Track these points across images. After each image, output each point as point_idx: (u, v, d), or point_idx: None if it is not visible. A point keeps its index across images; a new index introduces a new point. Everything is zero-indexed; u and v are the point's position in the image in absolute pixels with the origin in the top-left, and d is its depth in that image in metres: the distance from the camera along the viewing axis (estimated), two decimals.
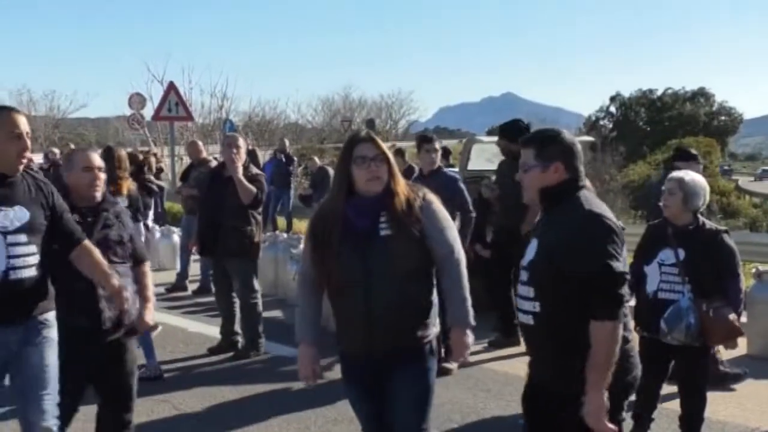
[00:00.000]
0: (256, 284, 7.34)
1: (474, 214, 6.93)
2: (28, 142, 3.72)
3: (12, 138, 3.65)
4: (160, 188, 9.83)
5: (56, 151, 19.54)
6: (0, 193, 3.63)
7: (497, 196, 7.45)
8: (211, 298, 8.98)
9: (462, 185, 6.96)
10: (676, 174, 4.92)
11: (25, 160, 3.73)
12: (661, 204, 4.99)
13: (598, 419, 2.98)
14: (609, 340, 2.98)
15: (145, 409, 4.59)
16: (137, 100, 24.62)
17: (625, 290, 3.04)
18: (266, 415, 5.68)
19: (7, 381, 3.75)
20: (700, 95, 54.84)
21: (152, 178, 10.30)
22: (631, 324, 3.35)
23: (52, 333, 3.81)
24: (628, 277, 3.09)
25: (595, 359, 2.98)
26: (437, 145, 7.02)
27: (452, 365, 6.66)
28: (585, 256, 3.00)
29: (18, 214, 3.65)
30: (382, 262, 3.32)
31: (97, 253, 3.96)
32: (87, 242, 3.95)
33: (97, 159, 4.33)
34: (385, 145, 3.47)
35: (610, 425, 2.99)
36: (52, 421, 3.72)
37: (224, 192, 7.03)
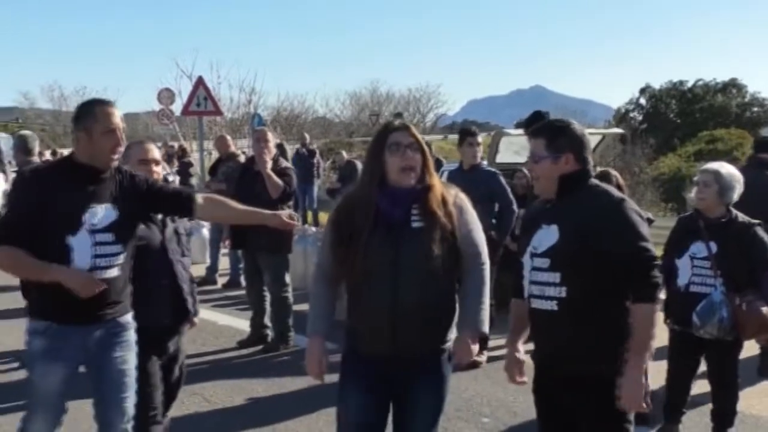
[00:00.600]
0: (287, 278, 7.38)
1: (516, 209, 6.90)
2: (122, 138, 3.65)
3: (107, 133, 3.57)
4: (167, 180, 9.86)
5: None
6: (90, 190, 3.56)
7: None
8: (241, 292, 9.05)
9: (502, 180, 6.94)
10: (711, 166, 4.87)
11: (117, 156, 3.66)
12: (691, 195, 4.97)
13: (638, 400, 3.05)
14: (649, 322, 3.06)
15: (176, 401, 4.62)
16: (166, 96, 24.74)
17: (659, 273, 3.10)
18: (295, 407, 5.72)
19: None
20: (732, 86, 54.03)
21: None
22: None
23: (132, 336, 3.75)
24: (659, 262, 3.14)
25: (637, 341, 3.04)
26: (480, 139, 7.01)
27: (481, 358, 6.64)
28: (621, 238, 3.07)
29: (107, 212, 3.57)
30: (413, 255, 3.20)
31: (224, 199, 3.98)
32: (202, 194, 3.86)
33: (153, 151, 4.28)
34: (420, 135, 3.36)
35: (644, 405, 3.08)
36: (129, 424, 3.73)
37: (254, 186, 7.06)
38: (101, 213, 3.55)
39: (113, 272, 3.60)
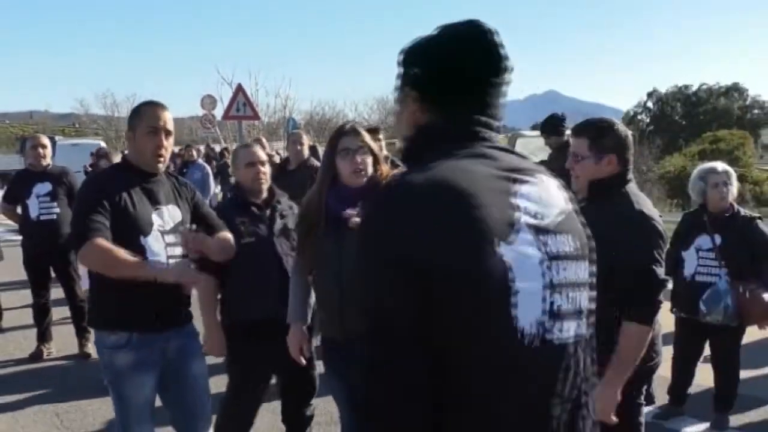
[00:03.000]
0: None
1: None
2: (164, 139, 3.28)
3: (149, 132, 3.24)
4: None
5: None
6: (148, 190, 3.29)
7: None
8: None
9: None
10: (723, 166, 4.83)
11: (161, 159, 3.30)
12: (693, 194, 4.89)
13: (609, 414, 2.77)
14: (638, 342, 2.80)
15: (213, 386, 4.62)
16: (208, 102, 24.90)
17: (661, 298, 2.84)
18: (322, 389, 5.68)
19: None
20: (734, 90, 53.48)
21: None
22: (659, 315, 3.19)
23: (200, 341, 3.56)
24: (667, 285, 2.88)
25: (621, 358, 2.78)
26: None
27: None
28: (632, 255, 2.77)
29: (172, 213, 3.35)
30: (353, 248, 3.14)
31: (230, 240, 3.63)
32: (226, 232, 3.62)
33: (259, 153, 4.04)
34: (368, 138, 3.28)
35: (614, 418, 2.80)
36: (211, 430, 3.59)
37: (289, 185, 7.07)
38: (167, 213, 3.32)
39: None
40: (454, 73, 1.56)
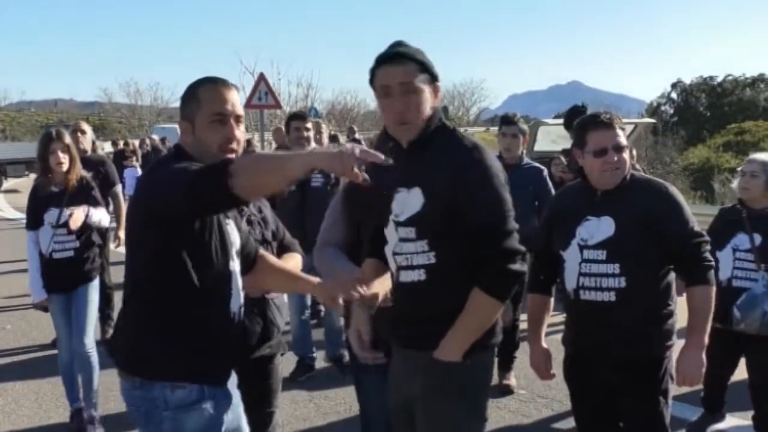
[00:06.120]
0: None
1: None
2: (236, 129, 2.40)
3: (213, 121, 2.37)
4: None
5: (155, 138, 20.85)
6: None
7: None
8: None
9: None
10: (759, 156, 4.39)
11: (233, 154, 2.37)
12: (734, 186, 4.51)
13: (697, 377, 3.02)
14: (708, 303, 2.98)
15: None
16: None
17: (711, 256, 3.02)
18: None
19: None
20: (760, 81, 52.65)
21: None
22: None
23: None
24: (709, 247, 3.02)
25: (697, 322, 2.97)
26: (521, 127, 5.69)
27: (512, 382, 5.73)
28: (678, 223, 2.97)
29: (233, 229, 2.54)
30: None
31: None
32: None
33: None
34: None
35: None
36: None
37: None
38: (232, 231, 2.53)
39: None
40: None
